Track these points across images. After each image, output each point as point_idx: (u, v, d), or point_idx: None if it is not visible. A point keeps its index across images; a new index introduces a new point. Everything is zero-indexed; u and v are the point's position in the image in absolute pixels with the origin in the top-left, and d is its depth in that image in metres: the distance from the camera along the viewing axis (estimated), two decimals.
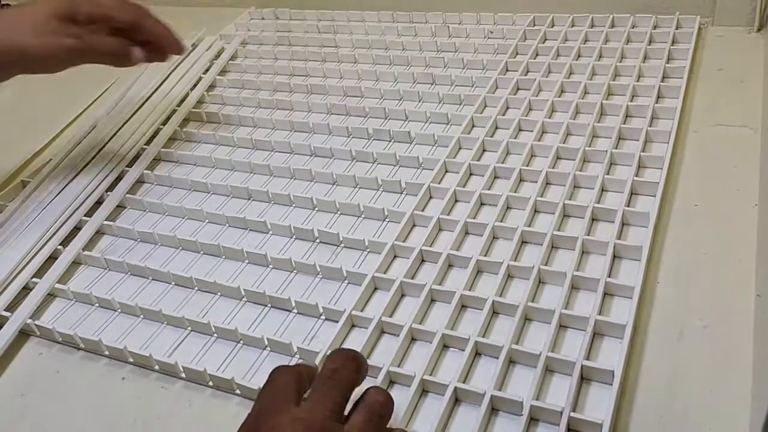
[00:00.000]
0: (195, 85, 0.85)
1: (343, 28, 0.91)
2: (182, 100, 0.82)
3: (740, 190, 0.56)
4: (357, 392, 0.39)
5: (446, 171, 0.63)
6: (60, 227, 0.63)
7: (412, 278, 0.53)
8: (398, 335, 0.48)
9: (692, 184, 0.58)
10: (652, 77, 0.70)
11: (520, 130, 0.67)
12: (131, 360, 0.51)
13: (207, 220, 0.63)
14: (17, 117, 0.89)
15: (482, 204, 0.59)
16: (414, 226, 0.58)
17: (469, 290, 0.50)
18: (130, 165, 0.72)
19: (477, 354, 0.47)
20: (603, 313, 0.47)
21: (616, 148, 0.61)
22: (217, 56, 0.91)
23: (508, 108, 0.70)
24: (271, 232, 0.60)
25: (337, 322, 0.49)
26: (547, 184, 0.60)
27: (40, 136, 0.81)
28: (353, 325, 0.50)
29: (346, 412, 0.38)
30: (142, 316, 0.54)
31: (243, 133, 0.74)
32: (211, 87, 0.85)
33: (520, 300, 0.48)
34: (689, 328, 0.46)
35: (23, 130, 0.84)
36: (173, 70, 0.86)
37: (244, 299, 0.54)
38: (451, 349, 0.47)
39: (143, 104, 0.80)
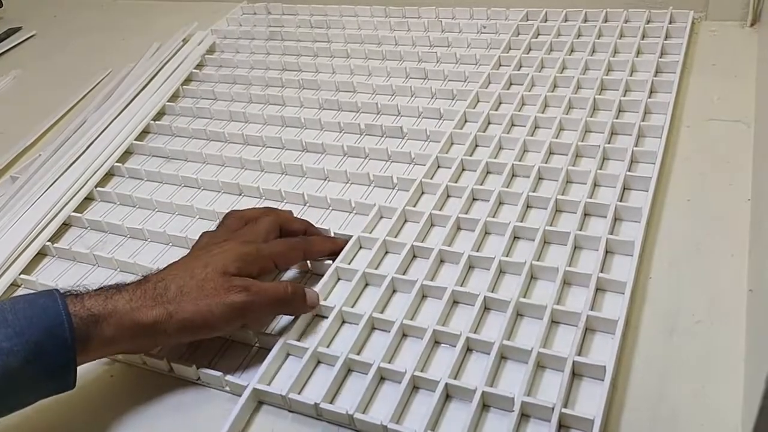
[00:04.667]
0: (186, 80, 0.84)
1: (336, 23, 0.91)
2: (173, 95, 0.81)
3: (733, 185, 0.56)
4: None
5: (438, 166, 0.63)
6: (49, 223, 0.63)
7: (404, 274, 0.52)
8: (389, 331, 0.47)
9: (685, 178, 0.58)
10: (645, 72, 0.70)
11: (513, 125, 0.67)
12: (120, 358, 0.50)
13: (197, 216, 0.63)
14: (6, 113, 0.89)
15: (474, 199, 0.59)
16: (406, 221, 0.58)
17: (461, 286, 0.50)
18: (120, 160, 0.72)
19: (468, 350, 0.46)
20: (595, 308, 0.47)
21: (608, 143, 0.61)
22: (209, 51, 0.90)
23: (500, 103, 0.70)
24: None
25: (327, 318, 0.49)
26: (539, 179, 0.59)
27: (30, 132, 0.81)
28: (344, 321, 0.50)
29: None
30: None
31: (234, 129, 0.73)
32: (202, 82, 0.85)
33: (511, 296, 0.48)
34: (681, 323, 0.46)
35: (13, 126, 0.83)
36: (164, 65, 0.86)
37: None
38: (442, 345, 0.47)
39: (133, 99, 0.80)
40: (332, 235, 0.55)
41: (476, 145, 0.65)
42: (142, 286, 0.44)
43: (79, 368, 0.50)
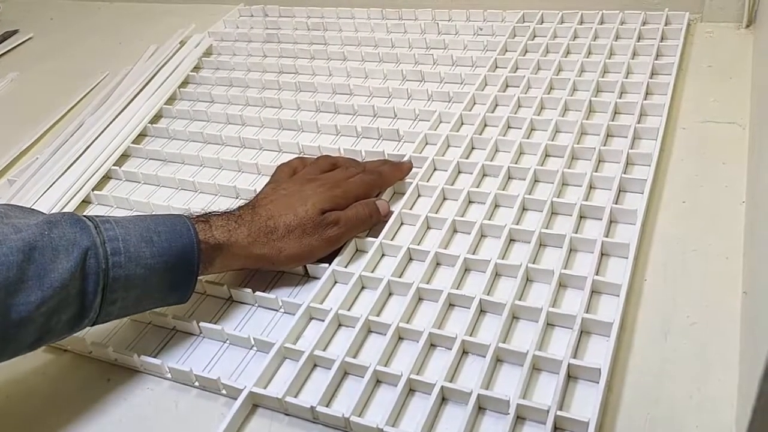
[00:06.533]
0: (183, 83, 0.84)
1: (333, 25, 0.91)
2: (170, 98, 0.81)
3: (728, 187, 0.56)
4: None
5: (435, 169, 0.63)
6: None
7: (400, 277, 0.52)
8: (385, 334, 0.48)
9: (680, 180, 0.58)
10: (641, 74, 0.70)
11: (509, 127, 0.67)
12: (116, 360, 0.50)
13: None
14: (3, 116, 0.89)
15: (470, 202, 0.59)
16: (402, 224, 0.58)
17: (457, 289, 0.50)
18: (117, 164, 0.72)
19: (464, 353, 0.46)
20: (590, 311, 0.47)
21: (604, 145, 0.61)
22: (206, 53, 0.90)
23: (497, 105, 0.70)
24: None
25: (323, 321, 0.49)
26: (535, 181, 0.59)
27: (27, 134, 0.81)
28: (340, 324, 0.50)
29: None
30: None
31: (231, 132, 0.74)
32: (199, 84, 0.85)
33: (507, 298, 0.48)
34: (676, 325, 0.46)
35: (10, 129, 0.84)
36: (161, 68, 0.86)
37: (231, 299, 0.54)
38: (438, 347, 0.47)
39: (131, 102, 0.80)
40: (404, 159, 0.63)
41: (472, 148, 0.65)
42: (256, 221, 0.51)
43: (76, 372, 0.50)
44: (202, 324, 0.51)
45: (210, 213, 0.51)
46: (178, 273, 0.47)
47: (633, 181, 0.56)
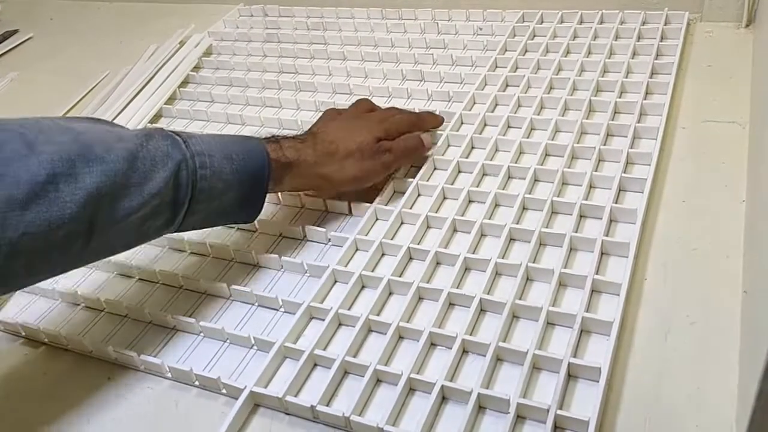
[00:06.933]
0: (183, 83, 0.84)
1: (332, 25, 0.91)
2: (170, 98, 0.81)
3: (728, 186, 0.56)
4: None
5: (435, 168, 0.63)
6: None
7: (400, 276, 0.52)
8: (385, 333, 0.48)
9: (680, 180, 0.58)
10: (641, 73, 0.70)
11: (509, 126, 0.67)
12: (116, 360, 0.50)
13: None
14: (3, 116, 0.88)
15: (470, 201, 0.59)
16: (402, 223, 0.58)
17: (457, 288, 0.50)
18: None
19: (464, 352, 0.46)
20: (590, 310, 0.47)
21: (604, 144, 0.61)
22: (206, 53, 0.90)
23: (497, 105, 0.70)
24: (258, 230, 0.60)
25: (323, 320, 0.49)
26: (535, 181, 0.59)
27: None
28: (340, 324, 0.50)
29: None
30: (128, 315, 0.54)
31: (231, 131, 0.74)
32: (199, 84, 0.85)
33: (507, 297, 0.48)
34: (676, 324, 0.46)
35: None
36: (161, 68, 0.86)
37: (231, 298, 0.54)
38: (438, 347, 0.47)
39: (131, 101, 0.80)
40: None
41: (472, 147, 0.65)
42: (319, 143, 0.56)
43: (77, 371, 0.50)
44: (202, 323, 0.51)
45: (278, 135, 0.55)
46: (250, 190, 0.51)
47: (633, 181, 0.56)
